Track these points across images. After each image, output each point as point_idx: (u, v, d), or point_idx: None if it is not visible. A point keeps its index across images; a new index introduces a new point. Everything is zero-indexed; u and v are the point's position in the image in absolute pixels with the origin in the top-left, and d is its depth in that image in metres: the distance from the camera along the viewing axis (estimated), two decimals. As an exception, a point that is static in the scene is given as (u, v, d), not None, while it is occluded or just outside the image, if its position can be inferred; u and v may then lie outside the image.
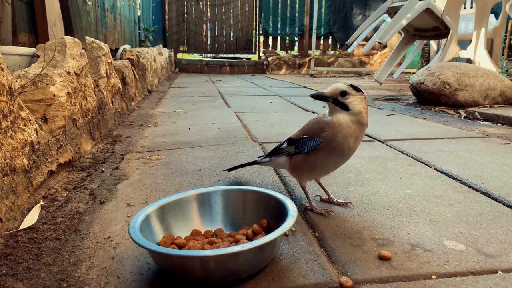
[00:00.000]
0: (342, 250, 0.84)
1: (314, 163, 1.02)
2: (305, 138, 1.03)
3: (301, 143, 1.04)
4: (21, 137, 1.01)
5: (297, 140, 1.05)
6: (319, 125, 1.01)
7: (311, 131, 1.03)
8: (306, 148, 1.02)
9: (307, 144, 1.02)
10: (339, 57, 8.53)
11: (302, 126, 1.08)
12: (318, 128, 1.01)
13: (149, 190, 1.21)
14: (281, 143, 1.13)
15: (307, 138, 1.02)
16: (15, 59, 1.59)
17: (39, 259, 0.81)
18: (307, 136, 1.03)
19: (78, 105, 1.56)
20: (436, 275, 0.75)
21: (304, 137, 1.03)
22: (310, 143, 1.01)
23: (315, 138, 1.00)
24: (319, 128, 1.00)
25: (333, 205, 1.09)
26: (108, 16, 4.08)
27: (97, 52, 2.12)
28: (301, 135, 1.05)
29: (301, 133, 1.06)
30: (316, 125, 1.03)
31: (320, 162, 1.02)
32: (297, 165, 1.05)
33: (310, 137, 1.02)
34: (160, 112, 2.85)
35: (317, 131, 1.00)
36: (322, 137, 0.98)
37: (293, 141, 1.07)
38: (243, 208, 0.94)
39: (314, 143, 1.00)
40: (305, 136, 1.03)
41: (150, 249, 0.70)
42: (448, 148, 1.75)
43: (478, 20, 4.73)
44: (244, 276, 0.73)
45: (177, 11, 8.86)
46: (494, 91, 2.97)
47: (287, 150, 1.09)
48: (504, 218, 1.01)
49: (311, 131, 1.03)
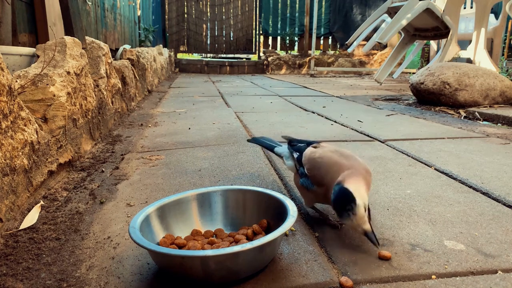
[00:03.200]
0: (342, 250, 0.84)
1: (306, 195, 1.00)
2: (305, 173, 0.97)
3: (302, 173, 0.99)
4: (21, 137, 1.01)
5: (302, 164, 0.99)
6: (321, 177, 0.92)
7: (313, 173, 0.94)
8: (302, 182, 0.99)
9: (304, 179, 0.98)
10: (339, 57, 8.53)
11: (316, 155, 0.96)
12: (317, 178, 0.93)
13: (149, 190, 1.21)
14: (298, 145, 1.06)
15: (306, 175, 0.97)
16: (15, 59, 1.59)
17: (39, 259, 0.81)
18: (306, 172, 0.96)
19: (78, 105, 1.56)
20: (436, 275, 0.75)
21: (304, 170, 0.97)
22: (306, 181, 0.97)
23: (310, 182, 0.95)
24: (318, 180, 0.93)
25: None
26: (108, 16, 4.08)
27: (97, 52, 2.12)
28: (307, 165, 0.97)
29: (308, 163, 0.97)
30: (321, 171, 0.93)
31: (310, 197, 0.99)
32: (296, 185, 1.04)
33: (309, 176, 0.95)
34: (160, 112, 2.85)
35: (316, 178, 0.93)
36: (315, 186, 0.93)
37: (301, 161, 1.01)
38: (243, 208, 0.94)
39: (307, 184, 0.96)
40: (307, 171, 0.96)
41: (150, 249, 0.70)
42: (448, 148, 1.75)
43: (478, 20, 4.73)
44: (244, 276, 0.73)
45: (177, 11, 8.86)
46: (494, 91, 2.97)
47: (294, 162, 1.05)
48: (504, 218, 1.01)
49: (312, 173, 0.95)
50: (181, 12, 8.91)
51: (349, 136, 2.01)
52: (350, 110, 2.96)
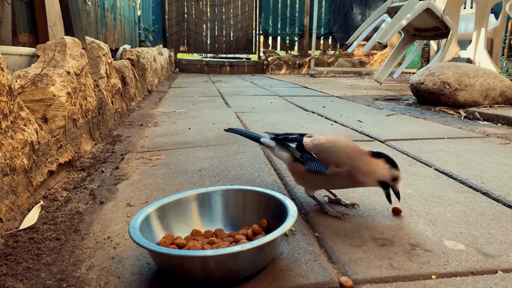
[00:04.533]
0: (342, 250, 0.84)
1: (311, 180, 1.04)
2: (312, 157, 1.02)
3: (307, 157, 1.03)
4: (21, 137, 1.01)
5: (305, 151, 1.04)
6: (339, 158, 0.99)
7: (324, 157, 1.00)
8: (309, 166, 1.02)
9: (312, 163, 1.01)
10: (339, 57, 8.53)
11: (320, 141, 1.04)
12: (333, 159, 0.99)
13: (149, 190, 1.21)
14: (290, 135, 1.10)
15: (314, 158, 1.01)
16: (15, 59, 1.59)
17: (39, 259, 0.81)
18: (315, 157, 1.01)
19: (78, 105, 1.56)
20: (436, 275, 0.75)
21: (312, 155, 1.02)
22: (315, 165, 1.01)
23: (321, 165, 1.00)
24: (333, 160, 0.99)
25: (339, 206, 1.09)
26: (108, 16, 4.08)
27: (97, 52, 2.12)
28: (312, 150, 1.03)
29: (312, 148, 1.03)
30: (335, 154, 1.00)
31: (317, 182, 1.04)
32: (297, 173, 1.06)
33: (319, 160, 1.00)
34: (160, 112, 2.85)
35: (329, 160, 0.99)
36: (329, 169, 0.99)
37: (302, 149, 1.05)
38: (243, 208, 0.94)
39: (319, 168, 1.00)
40: (313, 154, 1.02)
41: (150, 249, 0.70)
42: (448, 148, 1.75)
43: (478, 20, 4.73)
44: (244, 276, 0.73)
45: (177, 11, 8.86)
46: (494, 91, 2.97)
47: (292, 151, 1.07)
48: (504, 218, 1.01)
49: (323, 156, 1.01)
50: (181, 12, 8.91)
51: (349, 136, 2.01)
52: (350, 110, 2.96)
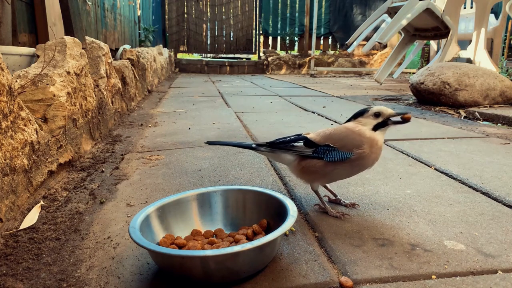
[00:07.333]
0: (342, 250, 0.84)
1: (331, 172, 1.01)
2: (331, 147, 1.00)
3: (324, 150, 1.01)
4: (21, 137, 1.01)
5: (318, 145, 1.02)
6: (354, 141, 0.99)
7: (343, 143, 1.00)
8: (331, 157, 1.00)
9: (333, 154, 0.99)
10: (339, 57, 8.54)
11: (327, 133, 1.04)
12: (352, 143, 0.99)
13: (149, 190, 1.21)
14: (289, 138, 1.08)
15: (334, 148, 1.00)
16: (15, 59, 1.59)
17: (39, 259, 0.81)
18: (334, 146, 1.00)
19: (78, 105, 1.56)
20: (436, 275, 0.75)
21: (331, 146, 1.00)
22: (338, 154, 0.99)
23: (344, 152, 0.99)
24: (354, 144, 0.98)
25: (339, 206, 1.09)
26: (108, 16, 4.08)
27: (97, 52, 2.12)
28: (326, 142, 1.01)
29: (326, 140, 1.02)
30: (350, 138, 1.00)
31: (338, 172, 1.01)
32: (311, 169, 1.02)
33: (339, 148, 0.99)
34: (160, 112, 2.85)
35: (349, 145, 0.99)
36: (354, 153, 0.98)
37: (312, 144, 1.03)
38: (243, 208, 0.94)
39: (343, 156, 0.99)
40: (331, 145, 1.00)
41: (150, 249, 0.70)
42: (448, 148, 1.75)
43: (478, 20, 4.73)
44: (244, 276, 0.73)
45: (177, 11, 8.86)
46: (494, 91, 2.97)
47: (301, 150, 1.04)
48: (504, 218, 1.01)
49: (341, 143, 1.00)
50: (181, 12, 8.91)
51: (349, 136, 2.01)
52: (350, 110, 2.96)
